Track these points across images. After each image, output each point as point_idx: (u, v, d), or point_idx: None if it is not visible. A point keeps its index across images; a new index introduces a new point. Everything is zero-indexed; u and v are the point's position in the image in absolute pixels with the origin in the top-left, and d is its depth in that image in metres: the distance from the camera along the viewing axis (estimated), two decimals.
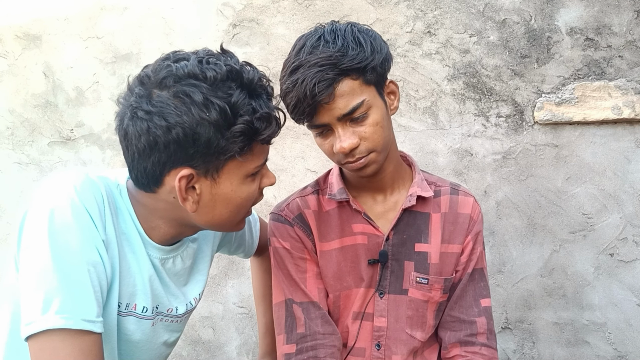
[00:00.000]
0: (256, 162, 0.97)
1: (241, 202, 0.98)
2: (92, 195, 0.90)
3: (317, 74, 1.03)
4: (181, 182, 0.91)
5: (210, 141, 0.88)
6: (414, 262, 1.22)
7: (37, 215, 0.85)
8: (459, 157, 1.81)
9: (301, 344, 1.20)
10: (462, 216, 1.25)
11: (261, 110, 0.91)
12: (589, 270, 1.74)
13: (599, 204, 1.71)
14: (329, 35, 1.08)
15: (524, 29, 1.72)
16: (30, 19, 2.17)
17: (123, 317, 1.00)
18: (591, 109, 1.67)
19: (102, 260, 0.90)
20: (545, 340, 1.81)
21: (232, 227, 1.05)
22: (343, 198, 1.23)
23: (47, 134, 2.22)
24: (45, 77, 2.19)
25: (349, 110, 1.07)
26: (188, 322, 2.13)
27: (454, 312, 1.25)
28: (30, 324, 0.82)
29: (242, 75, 0.91)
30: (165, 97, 0.88)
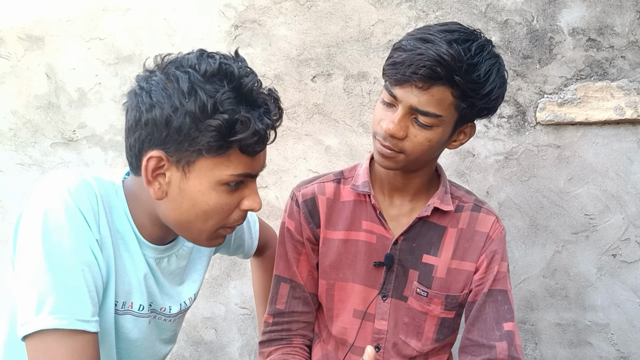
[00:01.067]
0: (232, 170, 0.93)
1: (208, 208, 0.94)
2: (85, 196, 0.90)
3: (434, 63, 1.00)
4: (149, 162, 0.91)
5: (181, 128, 0.87)
6: (418, 273, 1.21)
7: (31, 217, 0.86)
8: (461, 158, 1.81)
9: (278, 317, 1.29)
10: (478, 234, 1.22)
11: (243, 114, 0.88)
12: (591, 271, 1.74)
13: (602, 205, 1.71)
14: (476, 46, 1.04)
15: (526, 29, 1.72)
16: (33, 21, 2.18)
17: (120, 315, 1.00)
18: (593, 110, 1.67)
19: (97, 260, 0.90)
20: (547, 341, 1.80)
21: (202, 238, 1.00)
22: (365, 191, 1.23)
23: (49, 135, 2.22)
24: (48, 79, 2.20)
25: (423, 111, 1.04)
26: (190, 323, 2.13)
27: (472, 336, 1.18)
28: (25, 325, 0.83)
29: (239, 79, 0.90)
30: (159, 78, 0.90)
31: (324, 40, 1.90)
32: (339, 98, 1.90)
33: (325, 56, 1.90)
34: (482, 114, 1.12)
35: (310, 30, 1.91)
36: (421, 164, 1.16)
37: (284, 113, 0.98)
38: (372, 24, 1.84)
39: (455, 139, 1.15)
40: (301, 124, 1.95)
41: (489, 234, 1.22)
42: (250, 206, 0.98)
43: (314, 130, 1.94)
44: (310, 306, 1.30)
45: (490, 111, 1.12)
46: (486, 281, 1.20)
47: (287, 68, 1.94)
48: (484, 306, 1.19)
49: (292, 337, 1.28)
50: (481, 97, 1.05)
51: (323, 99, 1.92)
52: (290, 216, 1.29)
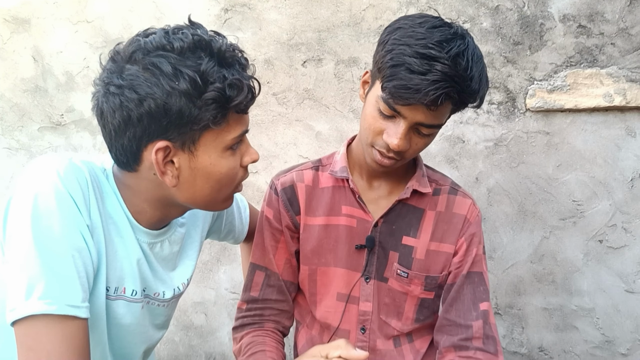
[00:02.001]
0: (233, 132, 0.94)
1: (221, 176, 0.96)
2: (75, 180, 0.89)
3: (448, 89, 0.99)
4: (158, 154, 0.91)
5: (182, 111, 0.87)
6: (398, 254, 1.23)
7: (21, 201, 0.85)
8: (451, 144, 1.82)
9: (251, 304, 1.30)
10: (456, 216, 1.24)
11: (232, 77, 0.89)
12: (578, 256, 1.76)
13: (589, 191, 1.72)
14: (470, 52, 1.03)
15: (517, 15, 1.71)
16: (19, 2, 2.14)
17: (112, 300, 1.00)
18: (583, 97, 1.67)
19: (87, 245, 0.89)
20: (534, 326, 1.83)
21: (217, 204, 1.03)
22: (344, 176, 1.24)
23: (37, 119, 2.20)
24: (35, 62, 2.17)
25: (428, 125, 1.06)
26: (180, 307, 2.14)
27: (450, 316, 1.22)
28: (13, 310, 0.83)
29: (211, 45, 0.89)
30: (135, 70, 0.88)
31: (315, 24, 1.88)
32: (330, 83, 1.90)
33: (316, 41, 1.89)
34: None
35: (300, 15, 1.89)
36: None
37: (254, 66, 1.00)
38: (363, 8, 1.83)
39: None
40: (291, 109, 1.95)
41: (466, 217, 1.25)
42: (250, 159, 1.01)
43: (304, 116, 1.94)
44: (285, 295, 1.30)
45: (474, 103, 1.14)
46: (465, 263, 1.23)
47: (277, 53, 1.93)
48: (462, 287, 1.22)
49: (264, 322, 1.29)
50: (474, 99, 1.09)
51: (313, 84, 1.91)
52: (269, 204, 1.29)
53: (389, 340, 1.26)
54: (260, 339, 1.24)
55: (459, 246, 1.24)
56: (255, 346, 1.22)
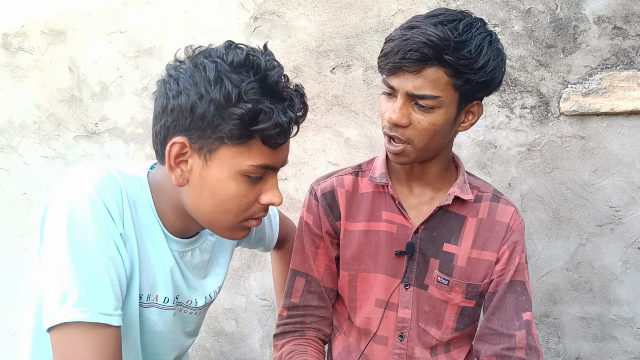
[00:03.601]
0: (252, 160, 0.92)
1: (226, 198, 0.94)
2: (110, 190, 0.91)
3: (421, 45, 1.02)
4: (172, 147, 0.92)
5: (205, 115, 0.88)
6: (439, 261, 1.22)
7: (57, 210, 0.87)
8: (483, 149, 1.79)
9: (292, 311, 1.29)
10: (499, 224, 1.22)
11: (266, 105, 0.88)
12: (616, 264, 1.71)
13: (627, 197, 1.67)
14: (463, 24, 1.06)
15: (550, 18, 1.68)
16: (56, 15, 2.20)
17: (145, 308, 1.01)
18: (619, 100, 1.63)
19: (120, 254, 0.91)
20: (571, 335, 1.78)
21: (223, 229, 1.00)
22: (383, 182, 1.23)
23: (72, 128, 2.25)
24: (70, 72, 2.22)
25: (420, 94, 1.06)
26: (211, 314, 2.15)
27: (492, 325, 1.20)
28: (49, 317, 0.85)
29: (266, 72, 0.90)
30: (188, 66, 0.92)
31: (344, 31, 1.89)
32: (359, 89, 1.89)
33: (345, 47, 1.89)
34: (484, 90, 1.12)
35: (329, 21, 1.90)
36: (433, 151, 1.17)
37: (308, 109, 0.98)
38: (392, 14, 1.82)
39: (464, 119, 1.16)
40: (320, 115, 1.95)
41: (509, 225, 1.23)
42: (269, 200, 0.98)
43: (333, 122, 1.94)
44: (325, 301, 1.30)
45: (491, 85, 1.12)
46: (507, 272, 1.21)
47: (306, 59, 1.94)
48: (505, 296, 1.20)
49: (305, 330, 1.28)
50: (476, 71, 1.06)
51: (342, 90, 1.91)
52: (308, 210, 1.30)
53: (427, 349, 1.24)
54: (302, 347, 1.24)
55: (501, 254, 1.22)
56: (297, 355, 1.21)
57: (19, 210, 2.36)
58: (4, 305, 2.41)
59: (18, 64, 2.28)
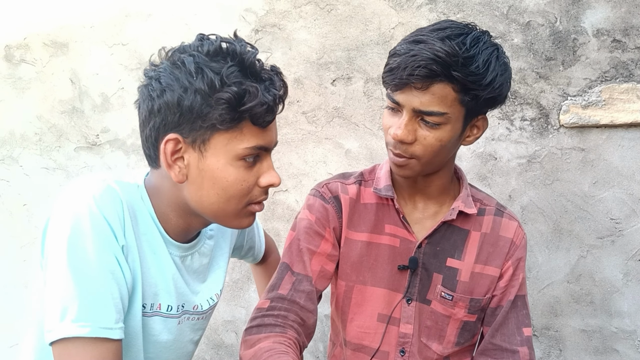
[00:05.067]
0: (246, 143, 0.94)
1: (228, 185, 0.95)
2: (110, 203, 0.92)
3: (429, 61, 1.00)
4: (167, 145, 0.93)
5: (192, 106, 0.90)
6: (442, 276, 1.21)
7: (58, 225, 0.88)
8: (483, 161, 1.79)
9: (276, 302, 1.14)
10: (503, 239, 1.22)
11: (250, 85, 0.91)
12: (617, 276, 1.70)
13: (628, 209, 1.67)
14: (470, 39, 1.04)
15: (549, 31, 1.69)
16: (58, 27, 2.22)
17: (149, 317, 1.01)
18: (619, 112, 1.64)
19: (121, 267, 0.91)
20: (572, 348, 1.77)
21: (229, 218, 1.00)
22: (389, 195, 1.22)
23: (73, 139, 2.26)
24: (72, 84, 2.23)
25: (427, 111, 1.05)
26: (211, 326, 2.14)
27: (495, 340, 1.20)
28: (50, 332, 0.85)
29: (242, 55, 0.93)
30: (166, 65, 0.94)
31: (344, 43, 1.90)
32: (359, 101, 1.90)
33: (345, 59, 1.90)
34: (490, 105, 1.11)
35: (330, 34, 1.91)
36: (437, 166, 1.16)
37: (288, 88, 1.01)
38: (392, 27, 1.84)
39: (469, 134, 1.15)
40: (321, 127, 1.95)
41: (513, 240, 1.22)
42: (269, 181, 0.99)
43: (334, 134, 1.94)
44: (313, 304, 1.18)
45: (497, 100, 1.11)
46: (511, 288, 1.21)
47: (307, 72, 1.95)
48: (509, 312, 1.21)
49: (287, 328, 1.11)
50: (484, 87, 1.05)
51: (343, 102, 1.92)
52: (310, 210, 1.25)
53: None
54: (283, 347, 1.03)
55: (505, 270, 1.21)
56: (278, 355, 0.99)
57: (19, 221, 2.36)
58: (3, 317, 2.40)
59: (20, 75, 2.29)
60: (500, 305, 1.22)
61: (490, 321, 1.23)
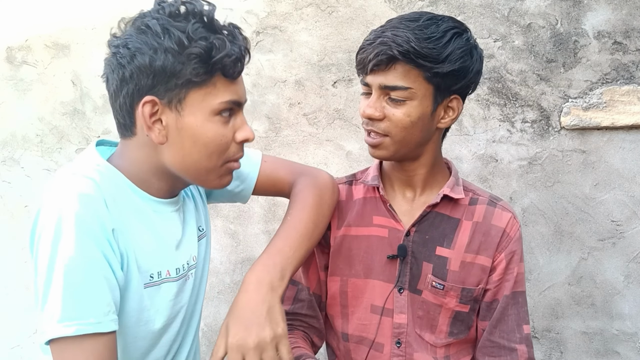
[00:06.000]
0: (220, 97, 0.96)
1: (208, 140, 0.97)
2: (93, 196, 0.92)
3: (386, 46, 1.08)
4: (144, 108, 0.94)
5: (165, 65, 0.91)
6: (432, 265, 1.21)
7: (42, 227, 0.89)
8: (484, 163, 1.79)
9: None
10: (495, 228, 1.21)
11: (216, 38, 0.93)
12: (618, 278, 1.70)
13: (629, 211, 1.67)
14: (425, 19, 1.12)
15: (550, 33, 1.69)
16: (60, 29, 2.22)
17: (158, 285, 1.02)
18: (620, 114, 1.64)
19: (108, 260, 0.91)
20: (573, 350, 1.77)
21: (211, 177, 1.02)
22: (374, 183, 1.25)
23: (74, 141, 2.26)
24: (74, 86, 2.24)
25: (391, 86, 1.11)
26: (212, 327, 2.14)
27: (494, 337, 1.21)
28: (43, 333, 0.86)
29: (202, 12, 0.95)
30: (131, 31, 0.96)
31: (345, 45, 1.90)
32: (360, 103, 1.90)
33: (346, 61, 1.90)
34: (457, 82, 1.13)
35: (331, 36, 1.91)
36: (414, 147, 1.17)
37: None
38: None
39: (443, 115, 1.17)
40: (322, 129, 1.95)
41: (505, 230, 1.22)
42: (244, 136, 1.01)
43: (334, 136, 1.94)
44: (315, 310, 1.29)
45: (463, 76, 1.13)
46: (506, 282, 1.21)
47: (308, 74, 1.95)
48: (507, 308, 1.21)
49: (294, 330, 1.28)
50: (442, 62, 1.09)
51: (344, 104, 1.92)
52: None
53: (425, 355, 1.24)
54: (292, 339, 1.23)
55: (497, 262, 1.21)
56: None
57: (20, 222, 2.36)
58: (4, 318, 2.40)
59: (22, 77, 2.29)
60: (496, 300, 1.21)
61: (486, 316, 1.23)
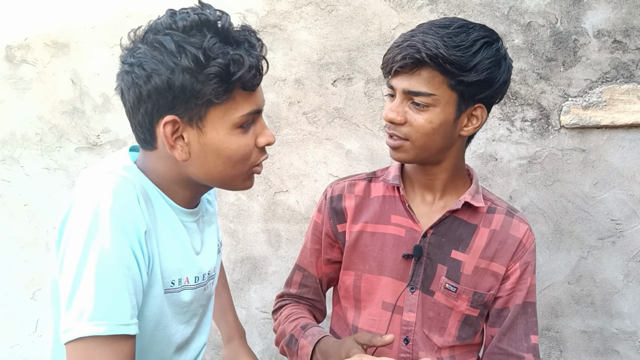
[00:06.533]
0: (240, 110, 0.95)
1: (232, 153, 0.97)
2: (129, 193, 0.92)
3: (414, 50, 1.09)
4: (166, 128, 0.93)
5: (184, 86, 0.90)
6: (447, 268, 1.22)
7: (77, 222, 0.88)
8: (484, 162, 1.79)
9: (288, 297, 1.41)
10: (512, 238, 1.23)
11: (234, 53, 0.91)
12: (618, 277, 1.70)
13: (628, 210, 1.67)
14: (462, 26, 1.12)
15: (550, 31, 1.69)
16: (59, 28, 2.22)
17: (178, 292, 1.03)
18: (619, 113, 1.64)
19: (137, 261, 0.91)
20: (573, 349, 1.77)
21: (237, 182, 1.03)
22: (395, 183, 1.26)
23: (74, 139, 2.26)
24: (73, 84, 2.23)
25: (414, 91, 1.11)
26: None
27: (502, 345, 1.23)
28: (66, 332, 0.85)
29: (217, 24, 0.93)
30: (144, 49, 0.93)
31: (345, 44, 1.90)
32: (360, 102, 1.90)
33: (346, 60, 1.90)
34: (482, 92, 1.13)
35: (331, 35, 1.91)
36: (435, 153, 1.18)
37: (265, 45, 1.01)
38: (393, 27, 1.84)
39: (466, 123, 1.17)
40: (322, 128, 1.95)
41: (522, 241, 1.23)
42: (265, 141, 1.01)
43: (334, 135, 1.94)
44: (320, 296, 1.40)
45: (489, 86, 1.13)
46: (518, 292, 1.23)
47: (307, 72, 1.95)
48: (517, 317, 1.23)
49: (300, 304, 1.39)
50: (468, 70, 1.08)
51: (344, 103, 1.92)
52: (319, 210, 1.35)
53: (432, 355, 1.24)
54: (298, 310, 1.34)
55: (511, 271, 1.23)
56: (295, 315, 1.32)
57: (19, 222, 2.36)
58: (4, 317, 2.40)
59: (21, 76, 2.29)
60: (507, 308, 1.23)
61: (496, 322, 1.24)
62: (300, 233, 2.00)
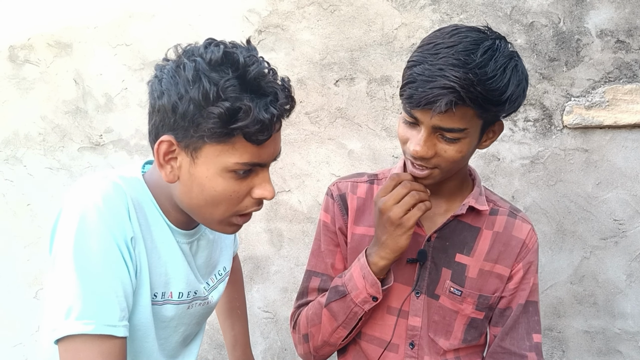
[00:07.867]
0: (237, 158, 0.92)
1: (215, 194, 0.94)
2: (117, 198, 0.92)
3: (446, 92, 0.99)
4: (160, 145, 0.93)
5: (186, 114, 0.89)
6: (451, 272, 1.22)
7: (65, 223, 0.89)
8: (486, 162, 1.79)
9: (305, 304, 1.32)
10: (515, 239, 1.23)
11: (245, 102, 0.88)
12: (620, 277, 1.70)
13: (631, 210, 1.67)
14: (486, 51, 1.02)
15: (553, 31, 1.69)
16: (62, 28, 2.22)
17: (160, 305, 1.03)
18: (622, 113, 1.63)
19: (126, 264, 0.91)
20: (575, 349, 1.77)
21: (214, 223, 1.00)
22: None
23: (77, 139, 2.26)
24: (76, 84, 2.24)
25: (447, 128, 1.04)
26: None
27: (505, 344, 1.22)
28: (54, 330, 0.86)
29: (245, 67, 0.90)
30: (170, 67, 0.93)
31: (347, 44, 1.90)
32: (362, 102, 1.90)
33: (349, 60, 1.90)
34: (508, 112, 1.12)
35: (333, 35, 1.91)
36: (456, 171, 1.18)
37: (295, 103, 0.97)
38: (396, 27, 1.84)
39: (485, 138, 1.16)
40: (324, 128, 1.95)
41: (525, 242, 1.23)
42: (261, 194, 0.97)
43: (337, 135, 1.94)
44: None
45: (512, 108, 1.11)
46: (521, 291, 1.23)
47: (310, 72, 1.95)
48: (520, 317, 1.22)
49: None
50: (502, 103, 1.04)
51: (346, 103, 1.92)
52: (326, 210, 1.33)
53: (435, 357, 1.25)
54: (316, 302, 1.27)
55: (514, 271, 1.22)
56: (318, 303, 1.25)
57: (22, 221, 2.36)
58: (6, 316, 2.41)
59: (24, 76, 2.30)
60: (510, 307, 1.23)
61: (499, 322, 1.24)
62: (303, 233, 2.01)
